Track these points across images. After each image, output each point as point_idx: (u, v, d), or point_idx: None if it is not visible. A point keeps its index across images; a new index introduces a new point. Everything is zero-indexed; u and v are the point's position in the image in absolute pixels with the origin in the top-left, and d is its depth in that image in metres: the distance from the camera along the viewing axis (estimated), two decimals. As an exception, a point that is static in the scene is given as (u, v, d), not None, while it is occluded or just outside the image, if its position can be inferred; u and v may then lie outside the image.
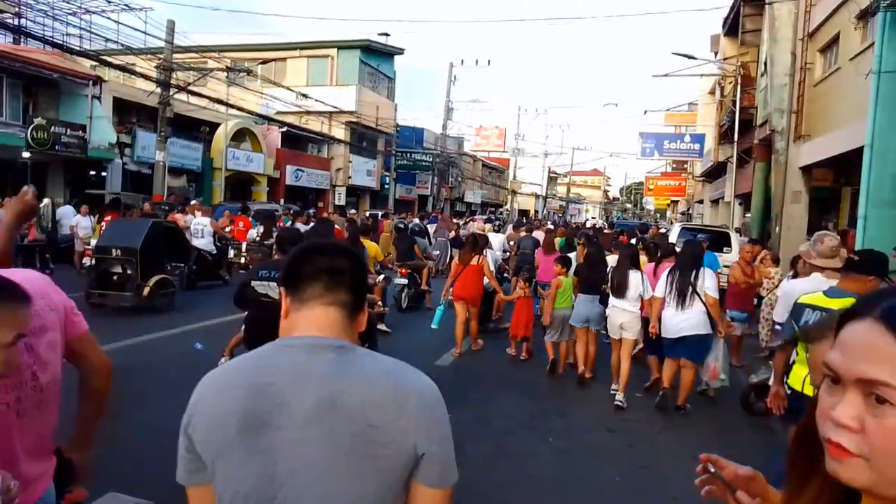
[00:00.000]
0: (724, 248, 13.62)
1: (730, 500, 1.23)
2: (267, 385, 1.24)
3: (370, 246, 8.68)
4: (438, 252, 16.16)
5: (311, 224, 11.63)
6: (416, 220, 19.99)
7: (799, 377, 3.64)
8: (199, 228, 12.98)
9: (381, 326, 8.37)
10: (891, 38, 9.24)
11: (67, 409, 1.98)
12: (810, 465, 0.89)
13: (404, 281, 10.88)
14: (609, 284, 6.97)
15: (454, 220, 21.54)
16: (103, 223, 12.48)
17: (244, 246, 12.43)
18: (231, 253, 13.91)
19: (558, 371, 7.61)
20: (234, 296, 4.89)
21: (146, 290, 9.65)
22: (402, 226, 14.69)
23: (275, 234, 11.48)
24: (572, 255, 9.22)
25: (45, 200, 11.64)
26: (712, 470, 1.24)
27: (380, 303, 8.55)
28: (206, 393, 1.29)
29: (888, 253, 6.72)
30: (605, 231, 18.53)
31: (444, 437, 1.28)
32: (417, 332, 9.16)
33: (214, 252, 13.11)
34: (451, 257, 14.53)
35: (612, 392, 6.77)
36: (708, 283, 6.24)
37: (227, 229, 14.73)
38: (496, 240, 12.83)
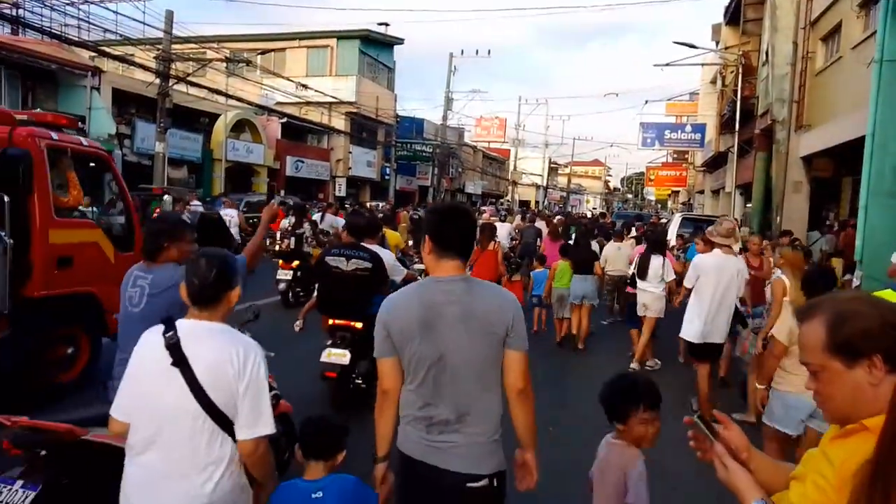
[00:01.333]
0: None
1: (711, 453, 1.53)
2: (430, 302, 2.31)
3: (392, 235, 9.34)
4: None
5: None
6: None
7: None
8: (227, 220, 13.68)
9: None
10: (892, 26, 9.14)
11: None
12: None
13: (421, 266, 11.62)
14: (635, 268, 8.03)
15: None
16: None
17: (278, 235, 13.45)
18: (267, 241, 14.72)
19: (560, 343, 8.87)
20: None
21: None
22: (416, 217, 16.10)
23: (305, 225, 12.91)
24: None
25: (167, 197, 13.98)
26: (696, 419, 1.58)
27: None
28: (393, 307, 2.38)
29: (891, 245, 6.76)
30: (604, 220, 19.22)
31: (520, 322, 2.34)
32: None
33: (239, 242, 14.18)
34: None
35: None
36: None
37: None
38: (503, 229, 13.60)
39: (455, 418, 2.32)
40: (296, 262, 10.76)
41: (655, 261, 7.67)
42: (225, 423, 2.15)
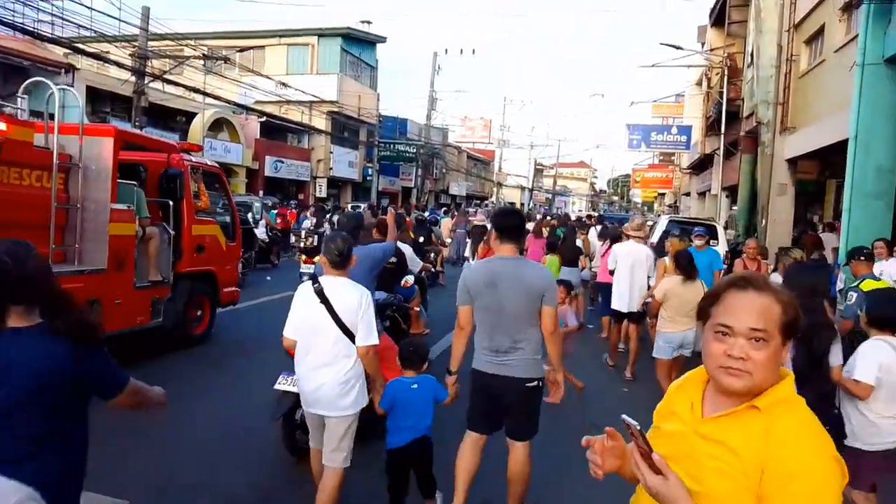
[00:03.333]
0: (711, 242, 13.46)
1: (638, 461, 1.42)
2: (493, 270, 3.70)
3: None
4: (457, 241, 18.05)
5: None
6: (428, 213, 22.83)
7: None
8: (255, 220, 15.60)
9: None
10: (874, 30, 9.16)
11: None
12: None
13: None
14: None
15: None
16: None
17: (303, 234, 15.05)
18: (293, 238, 16.85)
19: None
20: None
21: None
22: (421, 218, 17.40)
23: (325, 225, 14.42)
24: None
25: (257, 204, 16.23)
26: (637, 425, 1.41)
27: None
28: (471, 273, 3.87)
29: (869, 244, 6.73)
30: (589, 221, 19.83)
31: (553, 287, 3.72)
32: (434, 302, 10.28)
33: (267, 241, 15.97)
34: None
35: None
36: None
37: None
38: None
39: (510, 346, 3.68)
40: (317, 258, 11.83)
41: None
42: (351, 336, 3.55)
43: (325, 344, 3.55)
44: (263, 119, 26.35)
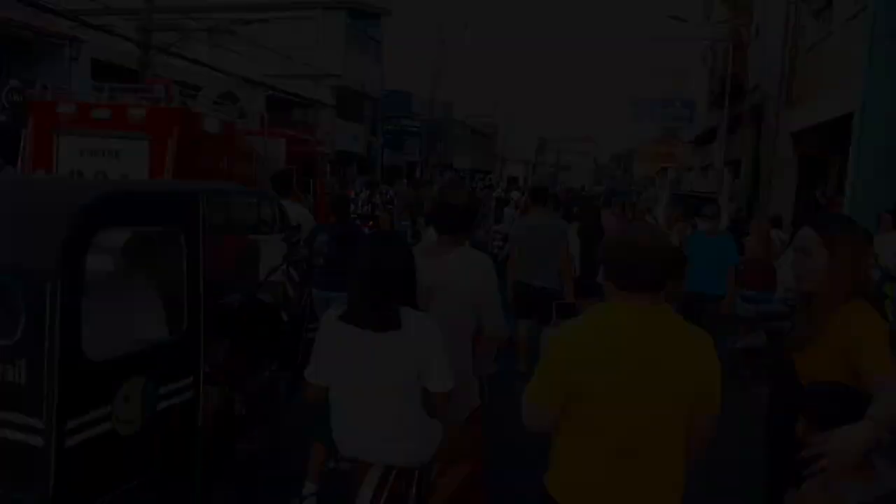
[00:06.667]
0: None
1: None
2: (530, 223, 6.68)
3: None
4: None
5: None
6: None
7: None
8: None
9: None
10: (884, 2, 9.11)
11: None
12: None
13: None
14: None
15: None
16: None
17: (360, 203, 16.31)
18: (352, 207, 19.11)
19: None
20: None
21: None
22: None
23: (377, 195, 16.43)
24: None
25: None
26: None
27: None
28: (516, 228, 7.29)
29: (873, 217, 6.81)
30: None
31: (566, 232, 6.64)
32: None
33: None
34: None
35: None
36: None
37: None
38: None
39: (539, 268, 6.10)
40: (371, 223, 13.85)
41: None
42: None
43: None
44: (269, 93, 26.31)
